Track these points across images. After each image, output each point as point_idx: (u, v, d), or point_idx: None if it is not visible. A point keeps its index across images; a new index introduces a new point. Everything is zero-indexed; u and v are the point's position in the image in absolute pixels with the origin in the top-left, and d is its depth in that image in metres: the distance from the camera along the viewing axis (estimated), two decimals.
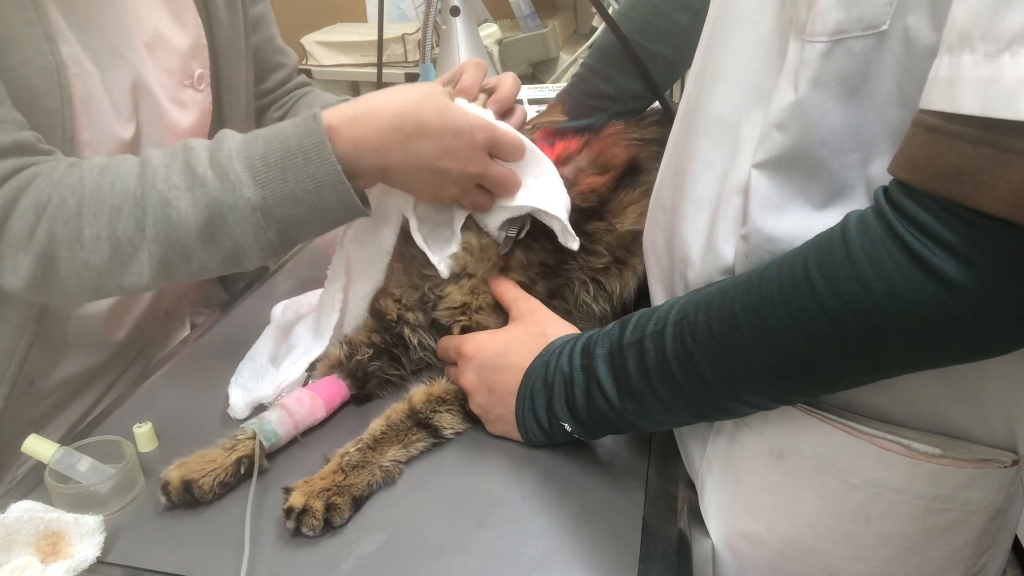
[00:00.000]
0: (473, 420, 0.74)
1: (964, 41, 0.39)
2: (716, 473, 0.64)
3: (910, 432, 0.54)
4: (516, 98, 0.82)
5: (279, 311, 0.92)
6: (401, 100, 0.69)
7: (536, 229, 0.77)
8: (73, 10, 0.77)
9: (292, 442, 0.72)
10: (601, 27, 1.91)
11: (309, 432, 0.73)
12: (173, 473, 0.64)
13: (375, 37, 1.35)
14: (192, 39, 0.91)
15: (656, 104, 0.96)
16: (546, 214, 0.75)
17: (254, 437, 0.67)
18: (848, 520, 0.57)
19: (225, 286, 1.13)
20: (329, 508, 0.61)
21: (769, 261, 0.52)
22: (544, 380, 0.67)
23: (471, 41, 1.61)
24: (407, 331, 0.80)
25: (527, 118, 0.84)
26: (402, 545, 0.61)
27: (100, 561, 0.60)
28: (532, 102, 1.43)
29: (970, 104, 0.38)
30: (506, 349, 0.71)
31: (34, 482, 0.68)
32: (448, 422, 0.72)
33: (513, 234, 0.77)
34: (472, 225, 0.78)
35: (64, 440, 0.67)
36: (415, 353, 0.80)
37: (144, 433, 0.72)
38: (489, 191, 0.75)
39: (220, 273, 0.72)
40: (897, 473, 0.54)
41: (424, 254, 0.78)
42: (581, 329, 0.73)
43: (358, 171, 0.69)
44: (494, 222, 0.77)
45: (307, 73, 2.35)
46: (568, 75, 1.85)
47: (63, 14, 0.75)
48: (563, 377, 0.65)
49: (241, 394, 0.76)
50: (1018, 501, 0.59)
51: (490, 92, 0.81)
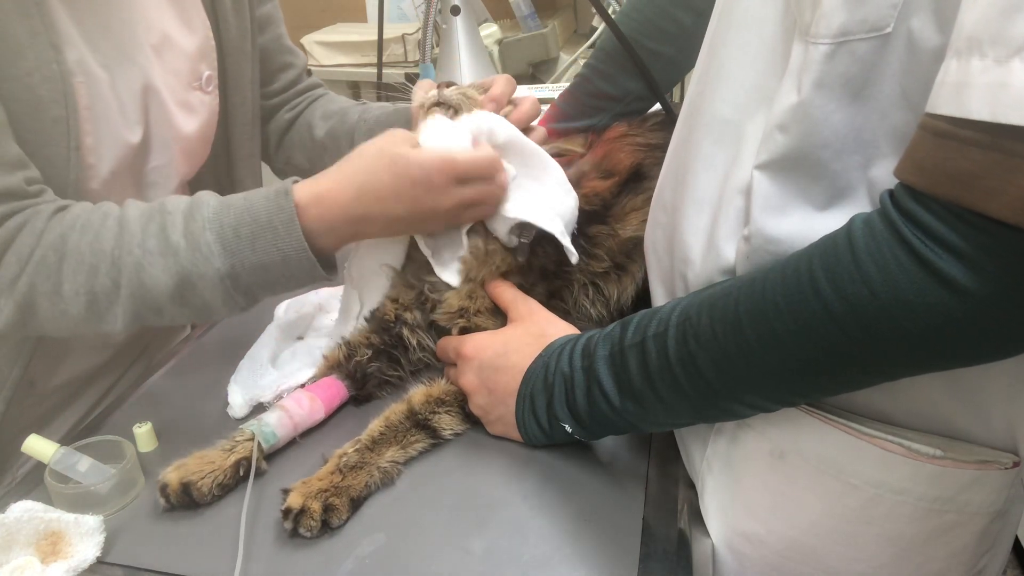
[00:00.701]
0: (472, 421, 0.74)
1: (973, 46, 0.39)
2: (716, 473, 0.64)
3: (911, 433, 0.54)
4: (511, 96, 0.83)
5: (282, 311, 0.92)
6: (356, 169, 0.72)
7: (538, 234, 0.77)
8: (81, 14, 0.77)
9: (291, 443, 0.72)
10: (602, 27, 1.91)
11: (308, 433, 0.73)
12: (171, 475, 0.64)
13: (375, 37, 1.35)
14: (200, 41, 0.91)
15: (659, 105, 0.96)
16: (549, 234, 0.74)
17: (253, 439, 0.67)
18: (849, 521, 0.57)
19: None
20: (327, 509, 0.61)
21: (772, 263, 0.51)
22: (544, 381, 0.67)
23: (471, 41, 1.61)
24: (406, 331, 0.80)
25: (539, 111, 0.83)
26: (402, 545, 0.61)
27: (100, 561, 0.60)
28: None
29: (979, 109, 0.38)
30: (506, 350, 0.71)
31: (34, 482, 0.68)
32: (447, 423, 0.72)
33: (528, 240, 0.76)
34: (480, 230, 0.78)
35: (64, 440, 0.67)
36: (414, 354, 0.80)
37: (144, 433, 0.72)
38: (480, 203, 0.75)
39: (190, 322, 0.76)
40: (898, 474, 0.54)
41: (422, 255, 0.78)
42: (579, 329, 0.73)
43: (328, 242, 0.72)
44: (502, 231, 0.76)
45: (308, 72, 2.35)
46: (568, 75, 1.85)
47: (71, 18, 0.75)
48: (563, 378, 0.65)
49: (240, 393, 0.76)
50: (1019, 502, 0.59)
51: (486, 90, 0.81)
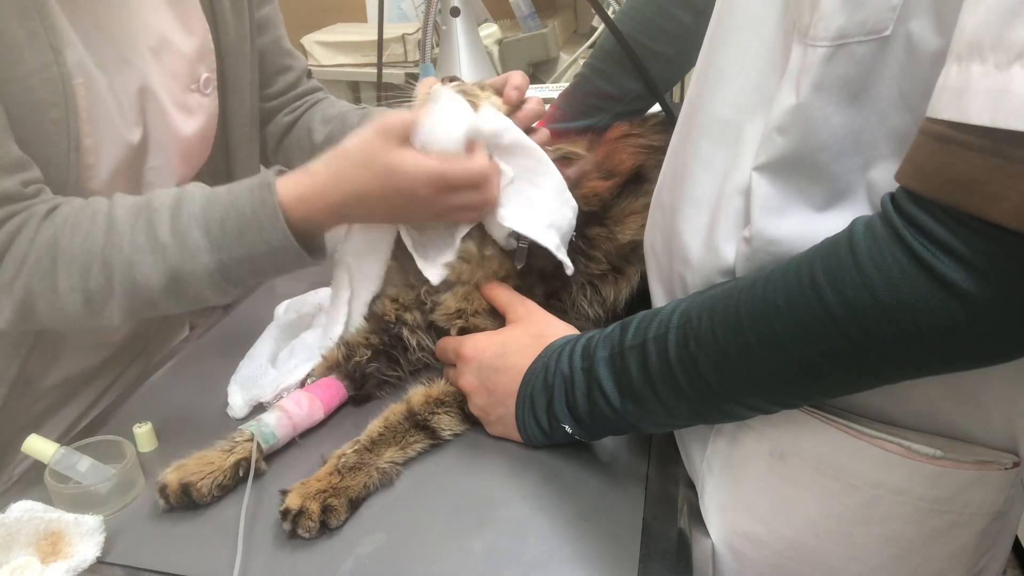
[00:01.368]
0: (471, 422, 0.74)
1: (974, 51, 0.39)
2: (716, 474, 0.64)
3: (911, 433, 0.54)
4: (525, 92, 0.82)
5: (282, 310, 0.92)
6: (343, 175, 0.71)
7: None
8: (80, 16, 0.77)
9: (290, 443, 0.72)
10: (602, 27, 1.91)
11: (307, 433, 0.73)
12: (171, 476, 0.64)
13: (375, 37, 1.35)
14: (199, 43, 0.91)
15: (659, 105, 0.96)
16: (544, 247, 0.73)
17: (252, 439, 0.67)
18: (848, 521, 0.57)
19: None
20: (325, 510, 0.61)
21: (773, 265, 0.51)
22: (544, 382, 0.67)
23: (471, 41, 1.61)
24: (405, 332, 0.80)
25: (543, 111, 0.83)
26: (402, 545, 0.61)
27: (100, 561, 0.60)
28: None
29: (980, 114, 0.38)
30: (505, 351, 0.71)
31: (34, 482, 0.68)
32: (446, 424, 0.72)
33: (526, 245, 0.75)
34: (476, 235, 0.77)
35: (63, 440, 0.67)
36: (413, 354, 0.80)
37: (144, 433, 0.72)
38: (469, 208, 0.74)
39: (186, 311, 0.77)
40: (897, 474, 0.54)
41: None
42: (577, 328, 0.73)
43: (314, 233, 0.73)
44: (499, 234, 0.76)
45: (309, 74, 2.35)
46: (568, 75, 1.85)
47: (70, 20, 0.76)
48: (563, 379, 0.65)
49: (240, 393, 0.76)
50: (1018, 503, 0.59)
51: (498, 91, 0.81)
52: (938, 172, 0.41)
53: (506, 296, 0.76)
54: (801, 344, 0.48)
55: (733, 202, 0.56)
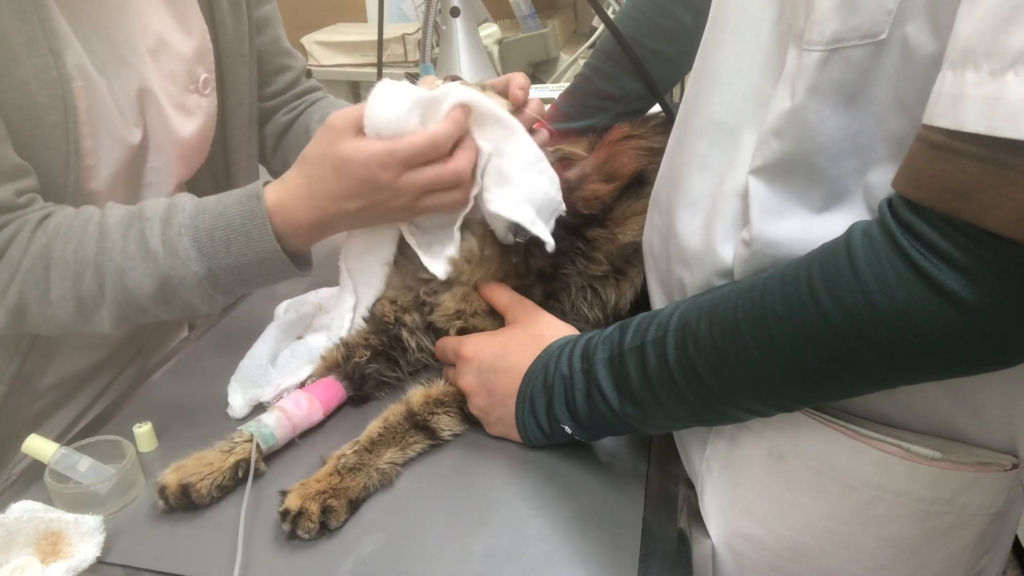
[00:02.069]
0: (471, 422, 0.74)
1: (968, 58, 0.39)
2: (716, 475, 0.64)
3: (910, 435, 0.54)
4: (527, 92, 0.82)
5: (282, 310, 0.92)
6: (308, 175, 0.72)
7: (532, 237, 0.75)
8: (79, 18, 0.77)
9: (289, 444, 0.72)
10: (602, 27, 1.91)
11: (306, 434, 0.73)
12: (170, 477, 0.64)
13: (375, 37, 1.35)
14: (197, 44, 0.91)
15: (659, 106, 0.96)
16: (514, 217, 0.71)
17: (251, 440, 0.67)
18: (847, 522, 0.57)
19: None
20: (325, 511, 0.61)
21: (772, 269, 0.51)
22: (544, 382, 0.67)
23: (471, 41, 1.61)
24: (405, 333, 0.80)
25: (543, 112, 0.82)
26: (402, 545, 0.61)
27: (100, 561, 0.60)
28: None
29: (974, 122, 0.38)
30: (505, 351, 0.71)
31: (33, 481, 0.68)
32: (446, 424, 0.72)
33: (523, 240, 0.75)
34: (478, 231, 0.77)
35: (62, 440, 0.67)
36: (412, 355, 0.80)
37: (144, 433, 0.72)
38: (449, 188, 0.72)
39: (175, 318, 0.79)
40: (896, 476, 0.54)
41: (417, 257, 0.77)
42: (576, 330, 0.73)
43: (299, 242, 0.74)
44: (497, 224, 0.75)
45: (308, 74, 2.35)
46: (568, 75, 1.85)
47: (69, 22, 0.76)
48: (563, 380, 0.65)
49: (240, 393, 0.76)
50: (1018, 503, 0.59)
51: (500, 92, 0.80)
52: (934, 180, 0.41)
53: (506, 297, 0.76)
54: (798, 349, 0.48)
55: (730, 204, 0.56)
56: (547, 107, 1.01)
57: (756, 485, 0.61)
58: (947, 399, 0.54)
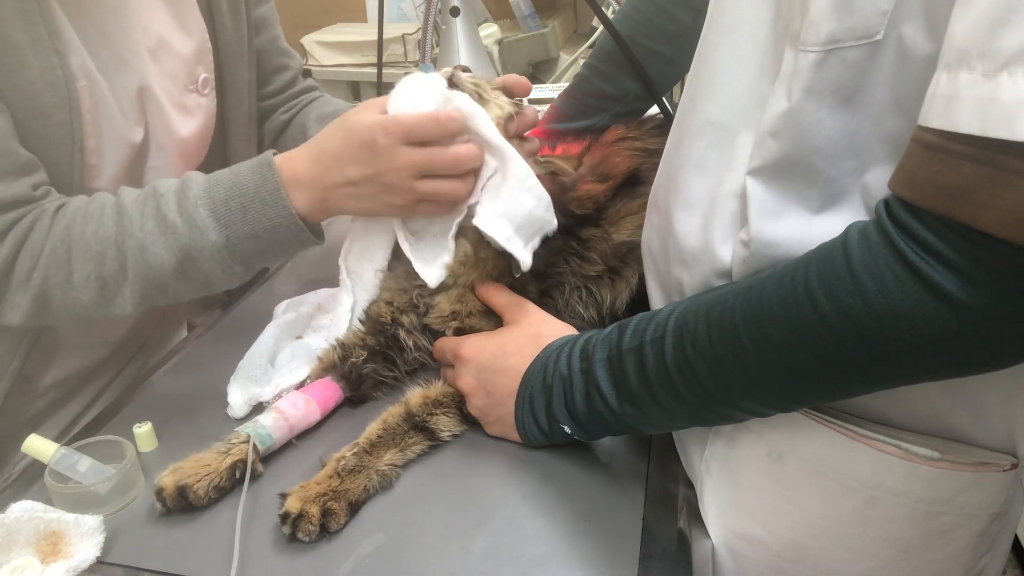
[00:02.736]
0: (470, 422, 0.74)
1: (962, 59, 0.39)
2: (715, 475, 0.64)
3: (909, 435, 0.54)
4: (527, 97, 0.82)
5: (281, 310, 0.92)
6: (318, 137, 0.76)
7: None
8: (80, 19, 0.77)
9: (287, 445, 0.72)
10: (602, 27, 1.91)
11: (304, 435, 0.73)
12: (167, 479, 0.64)
13: (375, 37, 1.35)
14: (196, 44, 0.91)
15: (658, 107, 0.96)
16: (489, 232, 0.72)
17: (248, 441, 0.67)
18: (847, 522, 0.57)
19: None
20: (325, 513, 0.61)
21: (769, 270, 0.52)
22: (543, 383, 0.67)
23: (471, 41, 1.61)
24: (402, 333, 0.79)
25: (538, 120, 0.83)
26: (402, 545, 0.61)
27: (100, 561, 0.60)
28: (532, 102, 1.42)
29: (968, 123, 0.38)
30: (503, 352, 0.71)
31: (33, 481, 0.68)
32: (445, 424, 0.72)
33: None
34: (472, 236, 0.77)
35: (62, 438, 0.67)
36: (410, 354, 0.80)
37: (144, 433, 0.72)
38: (448, 176, 0.73)
39: (193, 298, 0.79)
40: (895, 476, 0.54)
41: (410, 260, 0.78)
42: (575, 329, 0.73)
43: (305, 203, 0.75)
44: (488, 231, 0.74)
45: (307, 73, 2.34)
46: (568, 75, 1.85)
47: (71, 23, 0.76)
48: (562, 380, 0.65)
49: (240, 393, 0.76)
50: (1017, 503, 0.59)
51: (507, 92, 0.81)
52: (929, 181, 0.41)
53: (503, 297, 0.76)
54: (796, 349, 0.48)
55: (729, 204, 0.56)
56: (547, 107, 1.01)
57: (755, 485, 0.61)
58: (946, 399, 0.54)
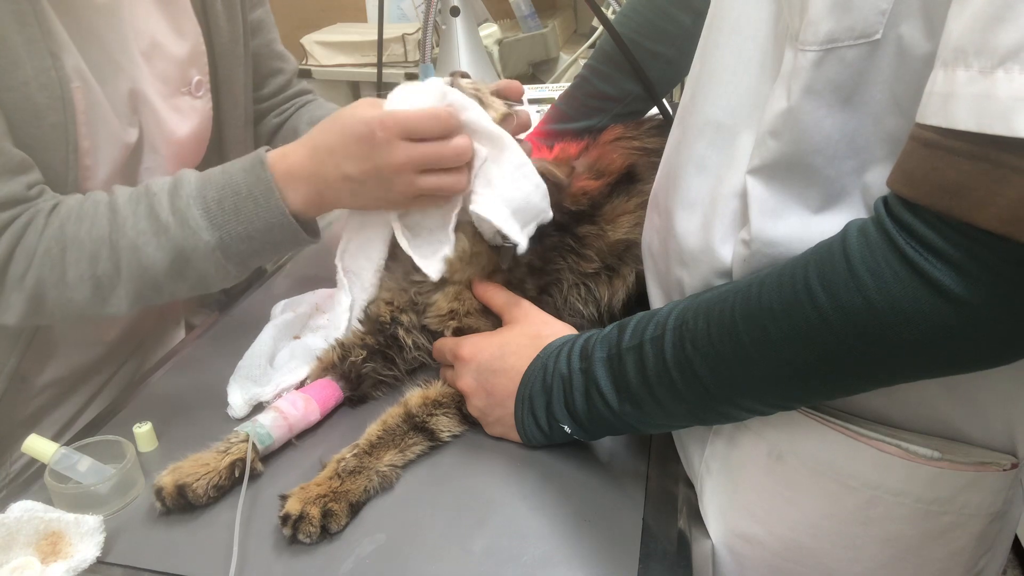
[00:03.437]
0: (470, 423, 0.74)
1: (959, 57, 0.39)
2: (715, 475, 0.64)
3: (909, 435, 0.54)
4: (519, 99, 0.81)
5: (278, 310, 0.92)
6: (315, 131, 0.75)
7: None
8: (73, 21, 0.77)
9: (286, 445, 0.72)
10: (601, 27, 1.91)
11: (304, 435, 0.73)
12: (166, 478, 0.64)
13: (375, 37, 1.35)
14: (190, 46, 0.91)
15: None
16: (489, 217, 0.72)
17: (247, 440, 0.67)
18: (847, 522, 0.57)
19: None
20: (326, 515, 0.61)
21: (769, 268, 0.52)
22: (543, 382, 0.67)
23: (471, 41, 1.61)
24: (401, 332, 0.79)
25: (531, 122, 0.82)
26: (402, 545, 0.61)
27: (100, 561, 0.60)
28: (532, 102, 1.43)
29: (965, 120, 0.39)
30: (503, 352, 0.71)
31: (33, 482, 0.68)
32: (445, 425, 0.72)
33: (512, 244, 0.73)
34: (468, 231, 0.77)
35: (59, 437, 0.67)
36: (409, 353, 0.80)
37: (144, 433, 0.72)
38: (448, 170, 0.72)
39: (189, 296, 0.79)
40: (895, 476, 0.54)
41: (409, 258, 0.77)
42: (573, 326, 0.73)
43: (299, 200, 0.74)
44: (486, 227, 0.75)
45: (307, 73, 2.34)
46: (568, 75, 1.85)
47: (64, 26, 0.76)
48: (562, 380, 0.65)
49: (240, 393, 0.76)
50: (1017, 503, 0.59)
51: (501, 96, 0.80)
52: (927, 178, 0.42)
53: (502, 297, 0.76)
54: (795, 347, 0.48)
55: (729, 204, 0.56)
56: (547, 107, 1.01)
57: (755, 485, 0.61)
58: (946, 398, 0.54)
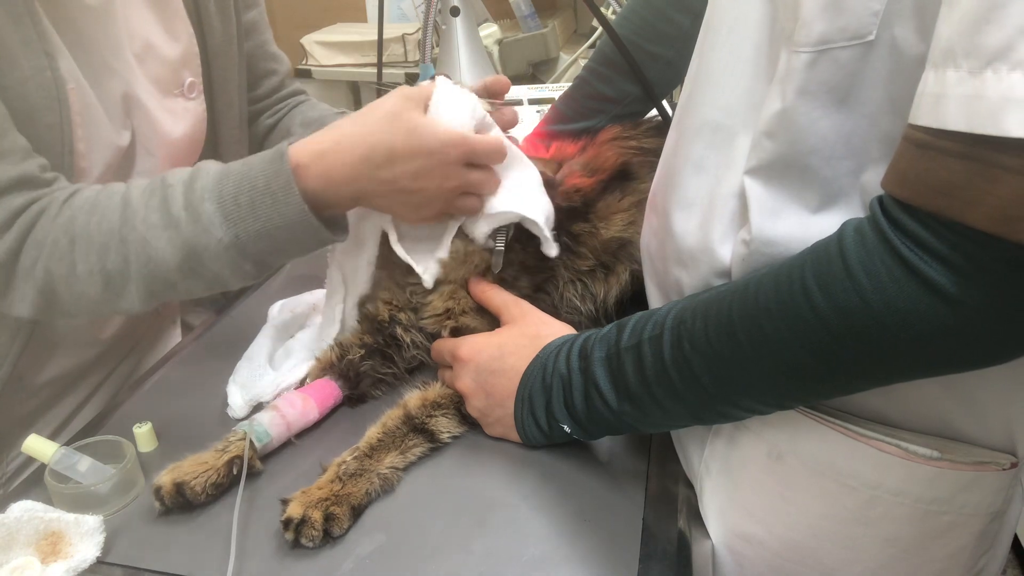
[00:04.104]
0: (469, 423, 0.74)
1: (948, 58, 0.40)
2: (715, 475, 0.64)
3: (908, 434, 0.54)
4: (504, 94, 0.81)
5: (276, 311, 0.92)
6: (369, 128, 0.69)
7: (515, 232, 0.76)
8: (66, 24, 0.77)
9: (286, 444, 0.72)
10: (601, 27, 1.91)
11: (303, 435, 0.73)
12: (165, 478, 0.64)
13: (375, 37, 1.35)
14: (183, 48, 0.91)
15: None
16: (530, 221, 0.74)
17: (245, 438, 0.67)
18: (846, 522, 0.57)
19: None
20: (328, 518, 0.61)
21: (766, 268, 0.52)
22: (542, 382, 0.67)
23: (471, 41, 1.61)
24: (400, 331, 0.79)
25: (517, 120, 0.82)
26: (402, 545, 0.61)
27: (100, 561, 0.60)
28: (532, 102, 1.43)
29: (956, 120, 0.39)
30: (502, 352, 0.71)
31: (34, 482, 0.68)
32: (445, 426, 0.71)
33: (502, 246, 0.75)
34: (461, 232, 0.77)
35: (57, 437, 0.67)
36: (408, 352, 0.80)
37: (144, 433, 0.72)
38: (474, 193, 0.74)
39: (208, 294, 0.75)
40: (895, 475, 0.54)
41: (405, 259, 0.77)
42: (571, 323, 0.73)
43: (330, 202, 0.70)
44: (481, 232, 0.75)
45: (307, 73, 2.35)
46: (568, 75, 1.85)
47: (57, 29, 0.76)
48: (561, 379, 0.65)
49: (240, 393, 0.76)
50: (1017, 502, 0.59)
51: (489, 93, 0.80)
52: (919, 179, 0.42)
53: (500, 297, 0.76)
54: (792, 347, 0.48)
55: (728, 204, 0.56)
56: (547, 107, 1.01)
57: (755, 485, 0.61)
58: (945, 397, 0.54)
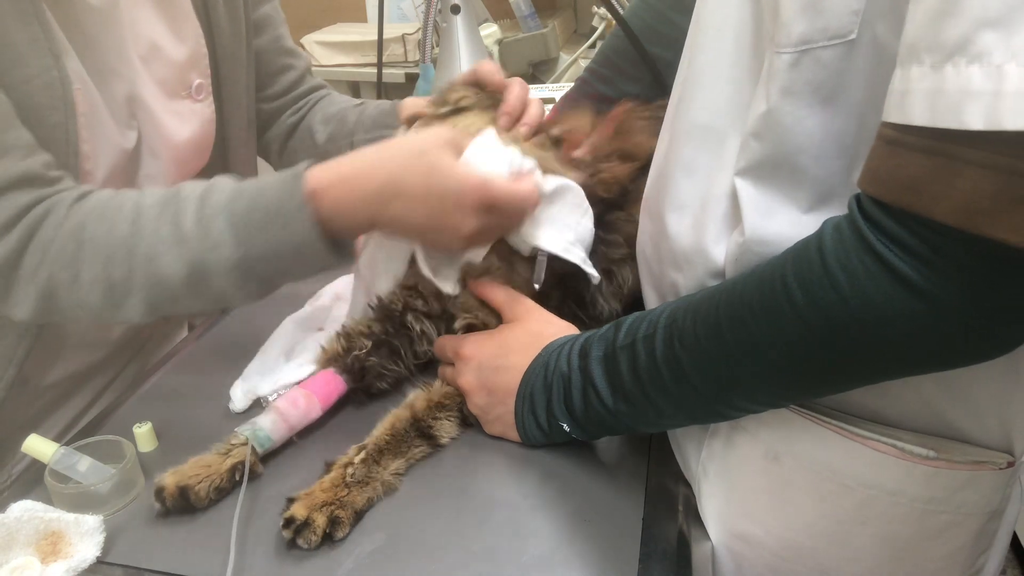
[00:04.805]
0: (470, 424, 0.74)
1: (912, 54, 0.40)
2: (712, 476, 0.65)
3: (905, 434, 0.54)
4: (524, 103, 0.80)
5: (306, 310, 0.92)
6: (391, 161, 0.68)
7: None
8: (71, 25, 0.77)
9: (288, 442, 0.71)
10: (601, 27, 1.92)
11: (306, 431, 0.73)
12: (168, 479, 0.64)
13: (375, 37, 1.36)
14: (191, 50, 0.90)
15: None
16: (567, 256, 0.73)
17: (247, 443, 0.67)
18: (844, 522, 0.57)
19: None
20: (332, 522, 0.61)
21: (753, 267, 0.52)
22: (544, 381, 0.67)
23: (471, 41, 1.61)
24: (410, 318, 0.78)
25: (543, 114, 0.81)
26: (402, 545, 0.61)
27: (100, 561, 0.60)
28: None
29: (920, 115, 0.39)
30: (505, 350, 0.71)
31: (34, 482, 0.68)
32: (447, 430, 0.71)
33: (544, 257, 0.74)
34: (498, 249, 0.76)
35: (61, 439, 0.67)
36: (418, 344, 0.79)
37: (144, 433, 0.72)
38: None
39: (208, 310, 0.73)
40: (892, 475, 0.54)
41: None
42: (576, 328, 0.72)
43: (342, 229, 0.69)
44: (524, 249, 0.75)
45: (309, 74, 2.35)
46: (568, 75, 1.85)
47: (64, 30, 0.76)
48: (562, 378, 0.65)
49: (242, 386, 0.76)
50: (1015, 501, 0.59)
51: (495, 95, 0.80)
52: (889, 175, 0.42)
53: (502, 295, 0.76)
54: (775, 344, 0.49)
55: (720, 205, 0.56)
56: (547, 108, 1.01)
57: (752, 486, 0.61)
58: (942, 397, 0.54)
